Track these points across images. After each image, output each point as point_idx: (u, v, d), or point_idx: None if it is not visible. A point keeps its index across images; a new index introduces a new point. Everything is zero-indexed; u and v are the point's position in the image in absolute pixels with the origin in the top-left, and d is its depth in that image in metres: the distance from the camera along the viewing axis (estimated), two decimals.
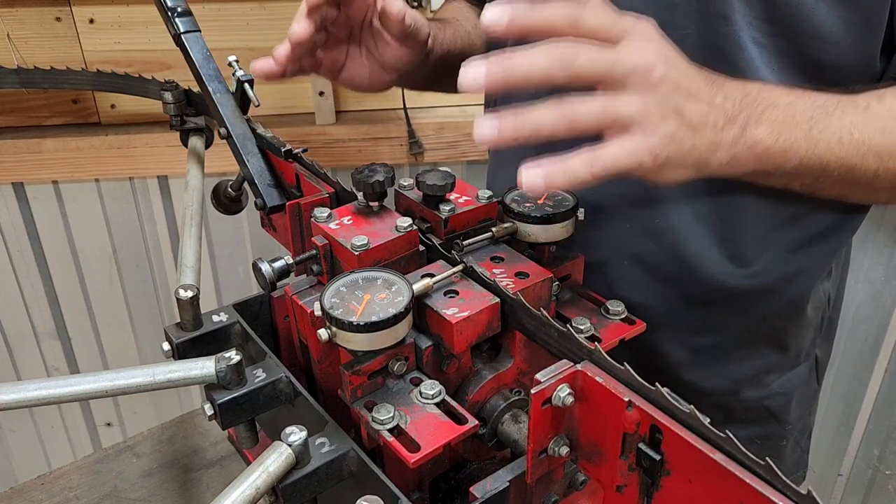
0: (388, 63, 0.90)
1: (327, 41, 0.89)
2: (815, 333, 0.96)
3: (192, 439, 1.00)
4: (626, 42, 0.58)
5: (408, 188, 0.77)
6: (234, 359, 0.62)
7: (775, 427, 0.97)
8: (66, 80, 1.27)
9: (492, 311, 0.62)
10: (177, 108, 1.06)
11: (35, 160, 1.56)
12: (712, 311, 0.87)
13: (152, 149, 1.58)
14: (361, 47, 0.91)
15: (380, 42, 0.89)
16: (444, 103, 1.65)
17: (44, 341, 1.80)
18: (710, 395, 0.92)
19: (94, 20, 1.52)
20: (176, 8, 0.92)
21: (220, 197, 1.10)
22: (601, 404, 0.50)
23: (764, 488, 0.41)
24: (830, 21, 0.71)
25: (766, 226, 0.82)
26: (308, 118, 1.63)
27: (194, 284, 0.75)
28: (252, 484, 0.53)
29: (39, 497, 0.91)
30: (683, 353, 0.89)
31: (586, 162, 0.57)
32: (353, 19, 0.87)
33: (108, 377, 0.62)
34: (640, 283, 0.85)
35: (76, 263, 1.72)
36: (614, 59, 0.57)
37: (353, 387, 0.59)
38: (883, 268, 1.61)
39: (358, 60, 0.91)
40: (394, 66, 0.90)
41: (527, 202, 0.73)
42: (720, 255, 0.82)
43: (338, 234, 0.68)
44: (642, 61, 0.58)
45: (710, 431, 0.45)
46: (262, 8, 1.54)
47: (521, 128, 0.57)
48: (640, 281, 0.85)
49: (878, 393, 1.71)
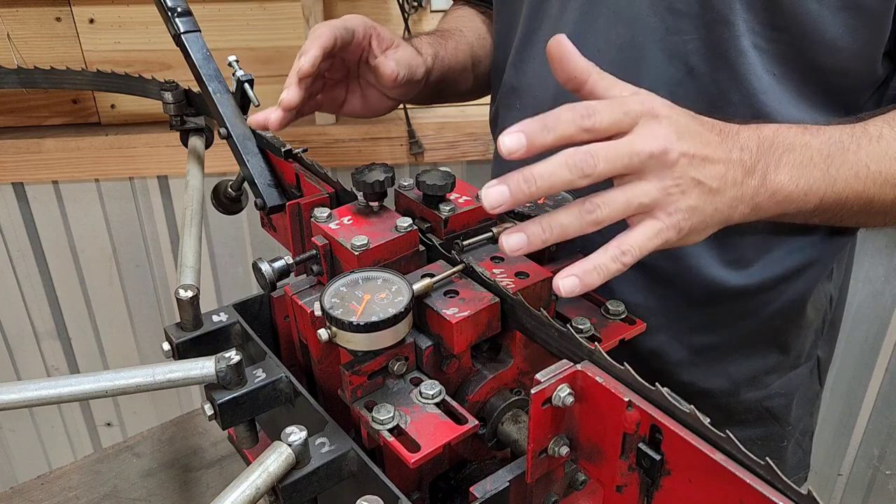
0: (390, 93, 0.93)
1: (325, 85, 0.91)
2: (817, 334, 0.95)
3: (192, 439, 1.00)
4: (638, 129, 0.58)
5: (408, 188, 0.77)
6: (234, 359, 0.62)
7: (776, 428, 0.97)
8: (66, 80, 1.27)
9: (492, 311, 0.62)
10: (177, 108, 1.06)
11: (35, 160, 1.56)
12: (712, 311, 0.86)
13: (152, 149, 1.58)
14: (360, 80, 0.94)
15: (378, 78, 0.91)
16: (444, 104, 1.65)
17: (44, 341, 1.80)
18: (710, 395, 0.92)
19: (94, 20, 1.52)
20: (176, 8, 0.92)
21: (220, 197, 1.10)
22: (601, 404, 0.50)
23: (764, 488, 0.41)
24: (835, 27, 0.71)
25: (767, 229, 0.82)
26: (308, 118, 1.62)
27: (194, 284, 0.75)
28: (252, 484, 0.53)
29: (39, 497, 0.91)
30: (683, 353, 0.89)
31: (615, 256, 0.58)
32: (350, 61, 0.90)
33: (108, 377, 0.62)
34: (639, 285, 0.85)
35: (76, 263, 1.72)
36: (630, 151, 0.57)
37: (353, 387, 0.59)
38: (883, 268, 1.61)
39: (357, 93, 0.94)
40: (393, 96, 0.94)
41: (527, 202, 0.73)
42: (719, 258, 0.82)
43: (338, 234, 0.68)
44: (657, 147, 0.58)
45: (710, 431, 0.45)
46: (262, 8, 1.54)
47: (550, 233, 0.57)
48: (638, 282, 0.85)
49: (878, 393, 1.71)
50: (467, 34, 1.04)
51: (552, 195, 0.74)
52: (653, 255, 0.84)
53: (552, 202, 0.73)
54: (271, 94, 1.59)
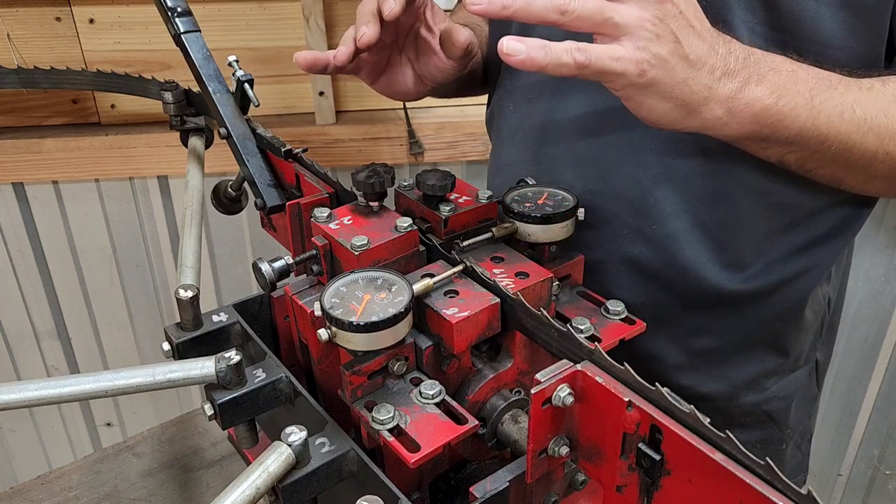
0: (429, 75, 0.89)
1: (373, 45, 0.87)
2: (815, 337, 0.95)
3: (192, 439, 1.00)
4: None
5: (408, 188, 0.77)
6: (234, 359, 0.62)
7: (775, 431, 0.97)
8: (66, 80, 1.27)
9: (492, 311, 0.62)
10: (177, 108, 1.06)
11: (35, 160, 1.56)
12: (710, 315, 0.86)
13: (152, 149, 1.58)
14: (402, 56, 0.90)
15: (423, 54, 0.88)
16: (444, 104, 1.65)
17: (44, 341, 1.80)
18: (709, 399, 0.91)
19: (94, 20, 1.52)
20: (176, 8, 0.92)
21: (220, 197, 1.10)
22: (601, 404, 0.50)
23: (764, 488, 0.41)
24: (834, 26, 0.71)
25: (765, 231, 0.81)
26: (308, 118, 1.63)
27: (194, 284, 0.75)
28: (252, 484, 0.53)
29: (39, 497, 0.91)
30: (681, 357, 0.89)
31: (569, 49, 0.57)
32: (401, 25, 0.86)
33: (108, 377, 0.62)
34: (636, 287, 0.84)
35: (76, 263, 1.72)
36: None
37: (353, 387, 0.59)
38: (883, 268, 1.61)
39: (398, 68, 0.91)
40: (435, 78, 0.90)
41: (527, 202, 0.73)
42: (718, 261, 0.82)
43: (338, 234, 0.68)
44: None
45: (710, 431, 0.45)
46: (262, 8, 1.54)
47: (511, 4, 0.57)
48: (636, 285, 0.84)
49: (878, 393, 1.71)
50: (484, 27, 1.03)
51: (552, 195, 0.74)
52: (650, 259, 0.84)
53: (552, 202, 0.73)
54: (271, 94, 1.61)
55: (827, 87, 0.67)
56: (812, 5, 0.70)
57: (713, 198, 0.79)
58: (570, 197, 0.74)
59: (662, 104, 0.62)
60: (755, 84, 0.64)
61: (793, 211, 0.81)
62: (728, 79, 0.62)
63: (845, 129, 0.68)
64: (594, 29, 0.58)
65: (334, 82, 1.60)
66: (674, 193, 0.79)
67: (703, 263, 0.81)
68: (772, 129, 0.66)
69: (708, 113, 0.63)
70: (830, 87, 0.67)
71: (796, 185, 0.78)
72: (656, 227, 0.81)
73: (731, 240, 0.81)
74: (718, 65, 0.62)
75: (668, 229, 0.81)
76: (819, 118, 0.66)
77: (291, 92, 1.63)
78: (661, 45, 0.59)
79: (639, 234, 0.82)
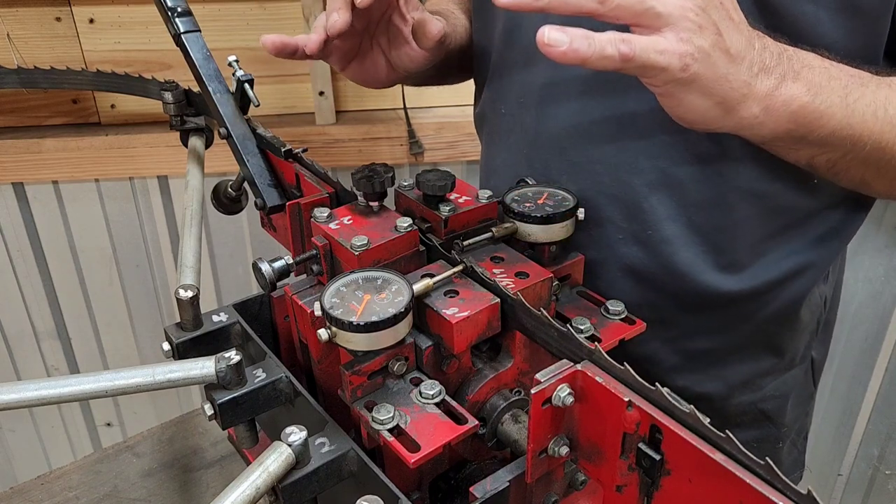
0: (401, 64, 0.89)
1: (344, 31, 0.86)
2: (811, 336, 0.94)
3: (192, 439, 1.00)
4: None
5: (408, 188, 0.77)
6: (234, 359, 0.62)
7: (771, 429, 0.97)
8: (66, 80, 1.27)
9: (492, 311, 0.62)
10: (177, 108, 1.06)
11: (35, 160, 1.57)
12: (705, 316, 0.85)
13: (152, 149, 1.58)
14: (374, 43, 0.89)
15: (395, 43, 0.87)
16: (444, 103, 1.65)
17: (44, 341, 1.80)
18: (705, 399, 0.91)
19: (94, 20, 1.52)
20: (176, 8, 0.92)
21: (220, 197, 1.10)
22: (601, 404, 0.50)
23: (764, 488, 0.41)
24: (833, 30, 0.70)
25: (761, 234, 0.81)
26: (308, 118, 1.63)
27: (194, 284, 0.75)
28: (252, 484, 0.53)
29: (39, 497, 0.91)
30: (676, 358, 0.88)
31: (614, 41, 0.54)
32: (373, 12, 0.85)
33: (108, 377, 0.62)
34: (631, 290, 0.83)
35: (76, 263, 1.72)
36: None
37: (353, 387, 0.59)
38: (883, 268, 1.61)
39: (369, 55, 0.90)
40: (406, 67, 0.89)
41: (527, 202, 0.73)
42: (713, 264, 0.81)
43: (338, 234, 0.68)
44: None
45: (710, 431, 0.45)
46: (262, 8, 1.54)
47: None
48: (631, 287, 0.84)
49: (877, 393, 1.71)
50: (458, 15, 1.03)
51: (552, 195, 0.74)
52: (645, 263, 0.84)
53: (552, 202, 0.73)
54: (271, 94, 1.61)
55: (859, 84, 0.66)
56: (810, 8, 0.69)
57: (708, 202, 0.78)
58: (570, 197, 0.74)
59: (702, 101, 0.59)
60: (791, 81, 0.61)
61: (789, 213, 0.80)
62: (765, 75, 0.60)
63: (879, 128, 0.66)
64: (634, 19, 0.55)
65: (334, 82, 1.61)
66: (669, 199, 0.79)
67: (698, 266, 0.81)
68: (807, 129, 0.64)
69: (745, 111, 0.61)
70: (862, 84, 0.66)
71: (793, 187, 0.77)
72: (651, 232, 0.80)
73: (726, 243, 0.80)
74: (756, 60, 0.59)
75: (664, 234, 0.80)
76: (853, 117, 0.65)
77: (291, 92, 1.63)
78: (703, 36, 0.56)
79: (634, 239, 0.81)
